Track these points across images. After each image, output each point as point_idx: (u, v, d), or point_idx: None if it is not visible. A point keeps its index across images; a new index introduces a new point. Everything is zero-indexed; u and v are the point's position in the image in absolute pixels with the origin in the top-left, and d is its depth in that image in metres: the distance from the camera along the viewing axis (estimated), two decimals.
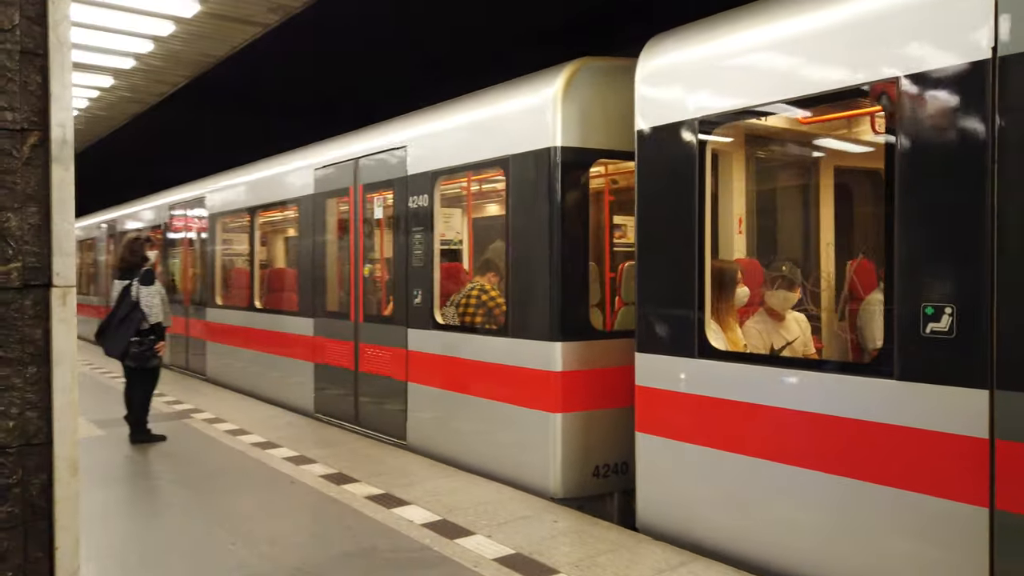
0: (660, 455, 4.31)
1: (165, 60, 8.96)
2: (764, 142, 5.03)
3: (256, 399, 9.03)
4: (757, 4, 4.05)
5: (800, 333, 4.47)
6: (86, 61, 8.82)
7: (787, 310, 4.49)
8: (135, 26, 7.63)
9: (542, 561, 3.95)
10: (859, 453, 3.37)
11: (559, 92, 4.98)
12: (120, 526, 4.63)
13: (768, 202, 5.43)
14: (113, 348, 6.73)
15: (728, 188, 4.75)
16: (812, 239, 5.31)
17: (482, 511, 4.75)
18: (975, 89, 2.96)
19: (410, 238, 6.31)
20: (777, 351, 4.27)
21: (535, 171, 5.12)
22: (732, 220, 4.76)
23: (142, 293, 6.76)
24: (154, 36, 7.99)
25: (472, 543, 4.21)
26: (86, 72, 9.35)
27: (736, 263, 4.59)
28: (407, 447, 6.35)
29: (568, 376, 4.97)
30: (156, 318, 6.82)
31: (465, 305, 5.93)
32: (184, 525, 4.57)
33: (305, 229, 8.13)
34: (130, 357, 6.72)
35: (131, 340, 6.68)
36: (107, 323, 6.82)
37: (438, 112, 6.34)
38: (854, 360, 4.42)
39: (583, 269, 5.13)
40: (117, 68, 9.24)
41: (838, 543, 3.47)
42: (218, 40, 8.13)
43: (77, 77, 9.60)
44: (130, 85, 10.18)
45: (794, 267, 4.61)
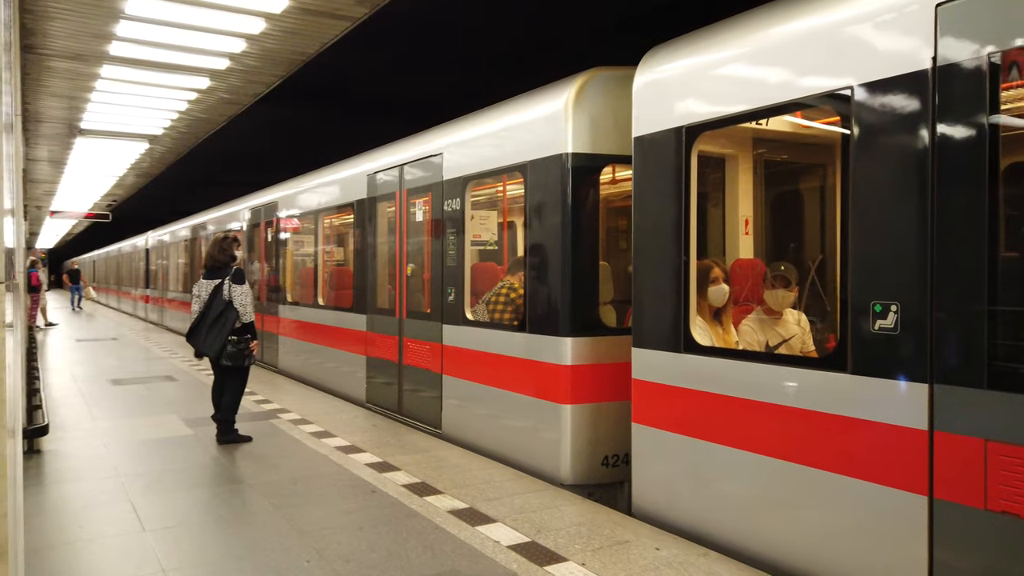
0: (650, 444, 4.62)
1: (259, 59, 8.96)
2: (766, 146, 5.21)
3: (328, 393, 9.47)
4: (735, 18, 4.28)
5: (798, 331, 4.53)
6: (182, 62, 8.91)
7: (785, 308, 4.56)
8: (227, 24, 7.59)
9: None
10: (815, 442, 3.59)
11: (570, 101, 5.34)
12: (197, 534, 4.47)
13: (771, 203, 5.61)
14: (210, 348, 6.68)
15: (734, 191, 5.02)
16: (804, 239, 5.56)
17: (575, 533, 4.35)
18: (918, 96, 3.17)
19: (445, 239, 6.82)
20: (772, 348, 4.37)
21: (549, 176, 5.49)
22: (738, 221, 5.03)
23: (235, 292, 6.71)
24: (246, 34, 7.94)
25: (564, 572, 3.81)
26: (183, 74, 9.47)
27: (710, 262, 4.76)
28: (441, 435, 6.84)
29: (577, 369, 5.31)
30: (249, 317, 6.79)
31: (495, 302, 6.27)
32: (261, 536, 4.35)
33: (360, 231, 8.77)
34: (226, 356, 6.68)
35: (228, 339, 6.64)
36: (199, 322, 6.78)
37: (469, 121, 6.80)
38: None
39: (593, 268, 5.48)
40: (213, 69, 9.29)
41: (793, 525, 3.72)
42: (309, 37, 8.01)
43: (174, 79, 9.75)
44: (227, 86, 10.25)
45: (791, 267, 4.68)
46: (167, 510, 4.88)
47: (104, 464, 5.94)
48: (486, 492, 5.16)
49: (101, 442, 6.67)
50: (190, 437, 6.92)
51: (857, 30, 3.47)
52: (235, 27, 7.70)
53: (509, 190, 7.32)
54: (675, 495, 4.45)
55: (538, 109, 5.74)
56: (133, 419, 7.75)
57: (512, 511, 4.77)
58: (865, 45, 3.42)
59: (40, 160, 17.24)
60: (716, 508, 4.17)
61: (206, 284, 6.85)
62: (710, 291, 4.69)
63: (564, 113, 5.35)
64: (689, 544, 4.17)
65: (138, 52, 8.59)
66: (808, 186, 5.77)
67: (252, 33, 7.87)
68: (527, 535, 4.33)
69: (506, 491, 5.19)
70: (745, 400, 3.97)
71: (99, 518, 4.71)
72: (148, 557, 4.03)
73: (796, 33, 3.83)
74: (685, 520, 4.35)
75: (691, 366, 4.31)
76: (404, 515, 4.72)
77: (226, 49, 8.50)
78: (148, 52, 8.60)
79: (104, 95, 10.68)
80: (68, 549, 4.15)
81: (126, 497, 5.08)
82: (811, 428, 3.61)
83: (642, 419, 4.68)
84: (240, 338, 6.72)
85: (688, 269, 4.37)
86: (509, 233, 7.60)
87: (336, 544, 4.22)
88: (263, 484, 5.43)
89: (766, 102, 3.89)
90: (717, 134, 4.49)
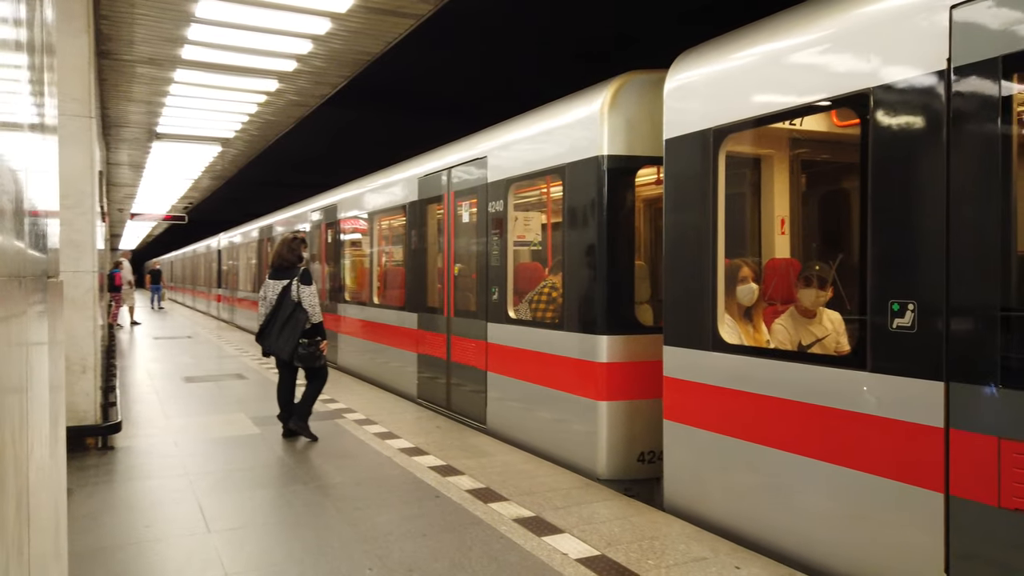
0: (681, 440, 4.72)
1: (325, 60, 9.00)
2: (795, 146, 5.20)
3: (383, 389, 9.74)
4: (760, 22, 4.35)
5: (832, 330, 4.47)
6: (251, 65, 9.03)
7: (818, 308, 4.50)
8: (293, 25, 7.63)
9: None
10: (836, 439, 3.65)
11: (606, 105, 5.46)
12: (261, 536, 4.43)
13: (800, 203, 5.59)
14: (282, 349, 6.69)
15: (768, 190, 5.06)
16: (827, 238, 5.56)
17: (647, 547, 4.12)
18: (933, 96, 3.23)
19: (489, 240, 7.01)
20: (804, 347, 4.34)
21: (586, 178, 5.62)
22: (772, 221, 5.06)
23: (303, 293, 6.70)
24: (312, 35, 7.98)
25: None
26: (253, 77, 9.60)
27: (739, 261, 4.78)
28: (487, 431, 7.02)
29: (613, 367, 5.43)
30: (318, 318, 6.78)
31: (537, 301, 6.42)
32: (324, 540, 4.28)
33: (411, 232, 9.10)
34: (298, 358, 6.69)
35: (299, 342, 6.64)
36: (269, 323, 6.78)
37: (512, 124, 6.97)
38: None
39: (629, 268, 5.59)
40: (281, 71, 9.40)
41: (814, 520, 3.78)
42: (373, 36, 7.99)
43: (245, 82, 9.90)
44: (295, 88, 10.37)
45: (825, 266, 4.63)
46: (232, 510, 4.87)
47: (174, 462, 6.01)
48: (552, 500, 4.98)
49: (172, 440, 6.77)
50: (257, 436, 6.96)
51: (876, 32, 3.54)
52: (301, 28, 7.74)
53: (551, 192, 7.35)
54: (705, 491, 4.54)
55: (575, 113, 5.88)
56: (203, 417, 7.87)
57: (580, 521, 4.58)
58: (884, 47, 3.49)
59: (121, 164, 17.89)
60: (743, 503, 4.24)
61: (273, 284, 6.86)
62: (738, 290, 4.72)
63: (600, 116, 5.48)
64: (771, 563, 3.90)
65: (209, 55, 8.73)
66: (832, 185, 5.74)
67: (318, 33, 7.90)
68: (596, 548, 4.13)
69: (573, 499, 5.00)
70: (770, 397, 4.05)
71: (166, 517, 4.72)
72: (212, 560, 3.99)
73: (813, 40, 3.93)
74: (715, 515, 4.43)
75: (719, 364, 4.39)
76: (468, 522, 4.58)
77: (293, 51, 8.56)
78: (219, 55, 8.74)
79: (178, 99, 10.95)
80: (134, 549, 4.16)
81: (193, 496, 5.10)
82: (832, 425, 3.68)
83: (673, 416, 4.78)
84: (311, 340, 6.72)
85: (716, 268, 4.44)
86: (552, 234, 7.62)
87: (399, 551, 4.11)
88: (327, 486, 5.38)
89: (787, 104, 4.00)
90: (746, 135, 4.53)
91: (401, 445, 6.55)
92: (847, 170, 5.27)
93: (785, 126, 4.42)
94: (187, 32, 7.87)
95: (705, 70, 4.62)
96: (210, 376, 10.91)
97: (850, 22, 3.71)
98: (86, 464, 5.86)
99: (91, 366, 6.03)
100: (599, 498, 5.03)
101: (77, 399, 5.93)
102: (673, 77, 4.82)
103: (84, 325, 5.95)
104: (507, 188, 6.76)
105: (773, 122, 4.21)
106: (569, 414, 5.79)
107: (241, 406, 8.44)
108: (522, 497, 5.05)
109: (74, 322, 5.77)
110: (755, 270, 4.85)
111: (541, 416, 6.20)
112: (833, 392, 3.67)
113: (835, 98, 3.75)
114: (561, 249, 6.03)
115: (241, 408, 8.30)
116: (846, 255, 4.59)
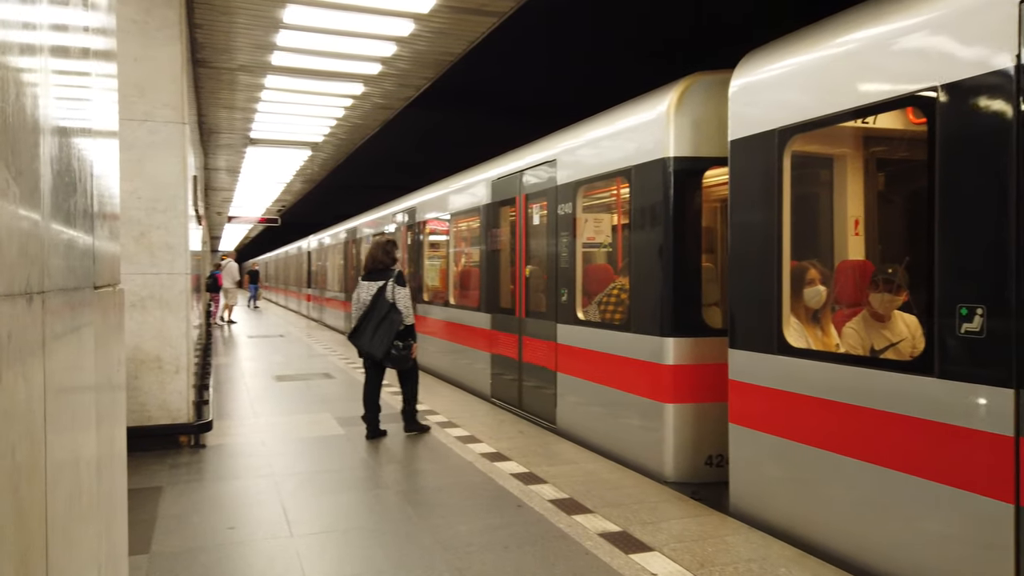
0: (746, 444, 4.66)
1: (409, 62, 9.02)
2: (866, 146, 4.99)
3: (460, 388, 9.88)
4: (823, 22, 4.28)
5: (908, 334, 4.31)
6: (338, 69, 9.14)
7: (891, 311, 4.38)
8: (378, 28, 7.65)
9: None
10: (902, 446, 3.55)
11: (672, 107, 5.47)
12: (342, 543, 4.38)
13: (875, 204, 5.42)
14: (376, 349, 6.77)
15: (841, 191, 4.92)
16: (895, 240, 5.37)
17: (744, 570, 3.84)
18: (1001, 96, 3.12)
19: (559, 242, 7.08)
20: (877, 352, 4.21)
21: (652, 180, 5.63)
22: (845, 222, 4.91)
23: (399, 294, 6.77)
24: (396, 37, 7.99)
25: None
26: (339, 81, 9.72)
27: (806, 264, 4.68)
28: (556, 431, 7.08)
29: (679, 369, 5.44)
30: (411, 319, 6.86)
31: (606, 303, 6.44)
32: (404, 550, 4.19)
33: (485, 234, 9.28)
34: (390, 359, 6.76)
35: (394, 343, 6.71)
36: (363, 324, 6.84)
37: (580, 127, 7.02)
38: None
39: (696, 270, 5.58)
40: (366, 74, 9.47)
41: (880, 529, 3.66)
42: (456, 36, 7.94)
43: (332, 86, 10.03)
44: (381, 91, 10.46)
45: (900, 268, 4.52)
46: (315, 513, 4.86)
47: (260, 462, 6.09)
48: (640, 514, 4.74)
49: (260, 439, 6.88)
50: (341, 437, 7.00)
51: (942, 31, 3.45)
52: (385, 30, 7.76)
53: (620, 194, 7.29)
54: (770, 496, 4.49)
55: (641, 115, 5.89)
56: (291, 416, 8.00)
57: (670, 538, 4.32)
58: (949, 45, 3.39)
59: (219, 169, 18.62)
60: (808, 510, 4.18)
61: (367, 286, 6.92)
62: (805, 292, 4.65)
63: (665, 118, 5.50)
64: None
65: (298, 61, 8.88)
66: (901, 186, 5.48)
67: (402, 35, 7.90)
68: (689, 569, 3.87)
69: (663, 514, 4.74)
70: (834, 402, 3.97)
71: (251, 519, 4.75)
72: (292, 566, 3.96)
73: (871, 38, 3.87)
74: (780, 521, 4.36)
75: (783, 367, 4.34)
76: (552, 535, 4.40)
77: (378, 53, 8.61)
78: (307, 60, 8.88)
79: (270, 104, 11.23)
80: (217, 552, 4.18)
81: (278, 498, 5.12)
82: (898, 432, 3.59)
83: (738, 419, 4.73)
84: (404, 343, 6.77)
85: (781, 270, 4.40)
86: (621, 236, 7.51)
87: (480, 564, 3.97)
88: (409, 491, 5.32)
89: (851, 104, 3.91)
90: (812, 135, 4.46)
91: (483, 450, 6.44)
92: (917, 170, 5.13)
93: (853, 125, 4.31)
94: (276, 38, 8.02)
95: (770, 70, 4.58)
96: (299, 375, 11.14)
97: (917, 19, 3.61)
98: (179, 462, 6.01)
99: (184, 366, 6.18)
100: (690, 513, 4.76)
101: (170, 398, 6.09)
102: (738, 77, 4.79)
103: (177, 326, 6.10)
104: (575, 190, 6.81)
105: (838, 122, 4.10)
106: (636, 416, 5.83)
107: (327, 406, 8.54)
108: (608, 509, 4.83)
109: (167, 323, 5.92)
110: (822, 272, 4.76)
111: (609, 417, 6.24)
112: (897, 397, 3.59)
113: (899, 97, 3.66)
114: (628, 251, 6.07)
115: (327, 408, 8.40)
116: (914, 257, 4.41)
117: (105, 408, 1.70)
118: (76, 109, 1.46)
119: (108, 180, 1.94)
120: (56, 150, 1.20)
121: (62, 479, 1.23)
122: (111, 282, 1.60)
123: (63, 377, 1.21)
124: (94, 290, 1.36)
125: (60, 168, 1.20)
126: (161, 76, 5.88)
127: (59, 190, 1.24)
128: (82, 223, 1.38)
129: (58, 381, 1.17)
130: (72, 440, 1.32)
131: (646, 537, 4.34)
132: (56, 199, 1.21)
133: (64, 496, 1.25)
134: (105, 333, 1.54)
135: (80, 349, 1.34)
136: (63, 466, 1.25)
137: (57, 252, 1.17)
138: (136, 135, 5.84)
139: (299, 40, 8.15)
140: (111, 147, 2.02)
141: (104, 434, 1.69)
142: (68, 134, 1.36)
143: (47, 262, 1.09)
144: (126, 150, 5.70)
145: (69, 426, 1.29)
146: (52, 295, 1.10)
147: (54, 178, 1.16)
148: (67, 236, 1.28)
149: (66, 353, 1.21)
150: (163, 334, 5.86)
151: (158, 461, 5.95)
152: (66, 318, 1.19)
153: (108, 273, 1.65)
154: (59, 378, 1.18)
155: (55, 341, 1.12)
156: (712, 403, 5.31)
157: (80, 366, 1.35)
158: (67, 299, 1.20)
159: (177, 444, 6.33)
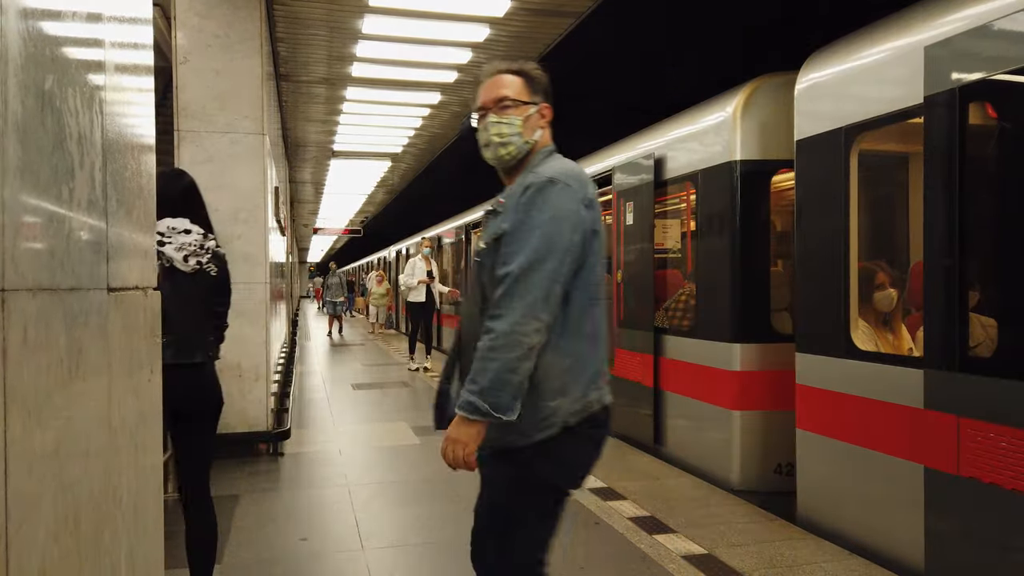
0: (813, 450, 4.55)
1: None
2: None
3: None
4: (889, 18, 4.17)
5: (986, 337, 4.01)
6: (415, 78, 9.17)
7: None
8: (454, 35, 7.61)
9: None
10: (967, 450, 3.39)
11: (738, 110, 5.42)
12: (413, 558, 4.28)
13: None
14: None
15: (916, 190, 4.62)
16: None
17: None
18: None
19: (627, 248, 6.99)
20: None
21: (718, 184, 5.58)
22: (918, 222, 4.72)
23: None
24: (472, 43, 7.94)
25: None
26: (417, 90, 9.76)
27: (874, 266, 4.56)
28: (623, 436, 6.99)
29: (746, 375, 5.36)
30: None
31: (675, 308, 6.40)
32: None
33: None
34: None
35: None
36: None
37: (646, 134, 6.95)
38: None
39: (764, 274, 5.51)
40: (443, 83, 9.47)
41: (946, 538, 3.51)
42: (531, 39, 7.82)
43: (410, 96, 10.08)
44: (458, 99, 10.45)
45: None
46: (387, 526, 4.78)
47: (336, 471, 6.07)
48: (727, 535, 4.44)
49: (336, 447, 6.89)
50: (416, 447, 6.94)
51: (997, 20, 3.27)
52: (461, 36, 7.71)
53: (688, 199, 7.11)
54: (838, 504, 4.37)
55: (707, 119, 5.84)
56: (368, 424, 8.01)
57: (761, 563, 4.01)
58: (1007, 36, 3.19)
59: (305, 182, 19.12)
60: (877, 519, 4.05)
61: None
62: (876, 296, 4.51)
63: (732, 122, 5.44)
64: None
65: (376, 71, 8.95)
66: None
67: (477, 41, 7.84)
68: None
69: (751, 536, 4.43)
70: (900, 406, 3.85)
71: (323, 530, 4.71)
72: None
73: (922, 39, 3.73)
74: (849, 530, 4.24)
75: (851, 371, 4.25)
76: (632, 556, 4.16)
77: (454, 61, 8.57)
78: (385, 71, 8.94)
79: (350, 116, 11.40)
80: (288, 565, 4.13)
81: (351, 508, 5.07)
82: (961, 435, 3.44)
83: (805, 424, 4.62)
84: None
85: (849, 273, 4.30)
86: (689, 241, 7.28)
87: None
88: None
89: (918, 100, 3.73)
90: (879, 133, 4.29)
91: None
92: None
93: (919, 121, 4.08)
94: (355, 49, 8.10)
95: (834, 69, 4.51)
96: (376, 383, 11.22)
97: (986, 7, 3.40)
98: (257, 470, 6.06)
99: (263, 374, 6.24)
100: (781, 536, 4.43)
101: (249, 406, 6.15)
102: (803, 77, 4.73)
103: (257, 335, 6.17)
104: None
105: (903, 119, 3.93)
106: (702, 422, 5.78)
107: (403, 415, 8.52)
108: (692, 530, 4.55)
109: (246, 332, 5.99)
110: (891, 275, 4.62)
111: (677, 423, 6.21)
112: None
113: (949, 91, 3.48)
114: (696, 256, 6.04)
115: (403, 417, 8.37)
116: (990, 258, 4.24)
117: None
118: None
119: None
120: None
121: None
122: (139, 284, 1.48)
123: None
124: (107, 293, 1.24)
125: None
126: (242, 88, 5.98)
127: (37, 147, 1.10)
128: (88, 208, 1.20)
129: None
130: None
131: (734, 561, 4.04)
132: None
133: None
134: (124, 344, 1.36)
135: (78, 362, 1.16)
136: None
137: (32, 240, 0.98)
138: (217, 147, 5.95)
139: (377, 50, 8.20)
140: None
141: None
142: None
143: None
144: (207, 162, 5.81)
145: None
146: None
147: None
148: (57, 219, 1.09)
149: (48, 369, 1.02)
150: (242, 343, 5.93)
151: (237, 468, 6.01)
152: (49, 325, 1.01)
153: (134, 273, 1.49)
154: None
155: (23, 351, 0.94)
156: (782, 411, 5.15)
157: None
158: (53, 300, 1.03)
159: (256, 452, 6.40)
